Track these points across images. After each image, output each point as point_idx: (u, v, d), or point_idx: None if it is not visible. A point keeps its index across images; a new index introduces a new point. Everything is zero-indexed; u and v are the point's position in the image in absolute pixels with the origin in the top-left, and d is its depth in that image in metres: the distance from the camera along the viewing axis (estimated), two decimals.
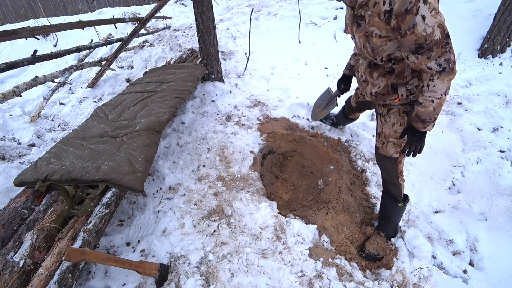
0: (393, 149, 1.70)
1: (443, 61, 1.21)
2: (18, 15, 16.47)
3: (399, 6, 1.14)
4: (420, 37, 1.18)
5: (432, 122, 1.38)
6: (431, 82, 1.28)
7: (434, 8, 1.14)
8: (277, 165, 2.68)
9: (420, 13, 1.13)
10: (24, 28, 2.64)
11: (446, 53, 1.21)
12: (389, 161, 1.74)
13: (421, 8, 1.12)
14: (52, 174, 1.71)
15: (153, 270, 1.46)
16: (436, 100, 1.29)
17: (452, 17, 4.49)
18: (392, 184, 1.83)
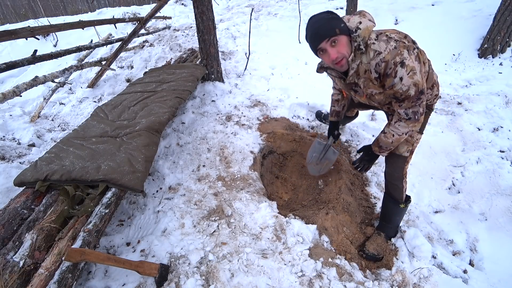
0: (405, 147, 1.70)
1: (411, 112, 1.43)
2: (18, 15, 16.47)
3: (383, 72, 1.34)
4: (397, 92, 1.38)
5: (386, 150, 1.64)
6: (398, 122, 1.50)
7: (412, 69, 1.30)
8: (277, 165, 2.68)
9: (398, 75, 1.31)
10: (24, 28, 2.64)
11: (415, 106, 1.41)
12: (398, 159, 1.74)
13: (399, 72, 1.30)
14: (52, 174, 1.71)
15: (153, 270, 1.46)
16: (397, 136, 1.53)
17: (452, 17, 4.50)
18: (394, 185, 1.82)
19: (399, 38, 1.32)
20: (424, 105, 1.41)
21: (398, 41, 1.29)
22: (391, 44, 1.28)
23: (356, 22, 1.33)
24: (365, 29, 1.31)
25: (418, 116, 1.42)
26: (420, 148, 2.70)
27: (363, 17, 1.37)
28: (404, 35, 1.39)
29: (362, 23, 1.32)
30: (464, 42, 4.06)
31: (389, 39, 1.30)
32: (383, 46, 1.29)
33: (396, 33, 1.38)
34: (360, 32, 1.31)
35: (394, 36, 1.33)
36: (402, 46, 1.28)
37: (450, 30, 4.29)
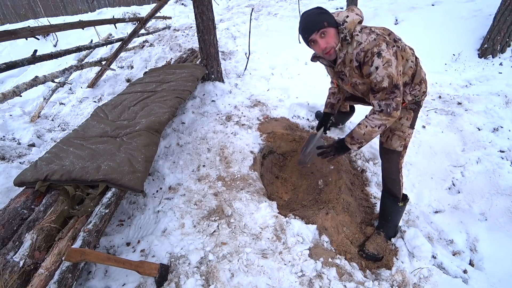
0: (397, 142, 1.76)
1: (383, 104, 1.49)
2: (18, 15, 16.47)
3: (362, 60, 1.44)
4: (372, 82, 1.47)
5: (358, 143, 1.67)
6: (372, 114, 1.57)
7: (388, 61, 1.39)
8: (277, 165, 2.68)
9: (374, 65, 1.41)
10: (24, 28, 2.64)
11: (388, 99, 1.47)
12: (393, 154, 1.80)
13: (375, 61, 1.40)
14: (52, 174, 1.71)
15: (153, 270, 1.46)
16: (370, 127, 1.57)
17: (452, 17, 4.49)
18: (392, 179, 1.86)
19: (381, 33, 1.44)
20: (398, 100, 1.46)
21: (379, 35, 1.41)
22: (372, 36, 1.41)
23: (344, 16, 1.46)
24: (351, 21, 1.44)
25: (390, 110, 1.48)
26: (420, 148, 2.70)
27: (351, 12, 1.49)
28: (388, 32, 1.52)
29: (349, 16, 1.45)
30: (464, 42, 4.06)
31: (371, 32, 1.43)
32: (364, 37, 1.42)
33: (381, 29, 1.51)
34: (346, 25, 1.44)
35: (377, 30, 1.45)
36: (382, 39, 1.40)
37: (450, 30, 4.29)
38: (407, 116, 1.74)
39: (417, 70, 1.65)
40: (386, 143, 1.82)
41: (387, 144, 1.81)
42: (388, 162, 1.85)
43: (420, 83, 1.69)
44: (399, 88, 1.45)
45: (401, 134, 1.75)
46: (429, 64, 3.90)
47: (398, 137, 1.76)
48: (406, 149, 1.80)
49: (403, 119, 1.75)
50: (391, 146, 1.79)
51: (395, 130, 1.78)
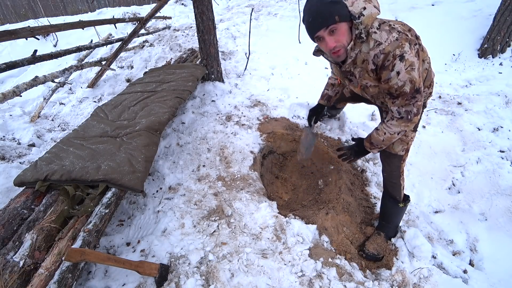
0: (400, 146, 1.67)
1: (404, 111, 1.36)
2: (18, 15, 16.47)
3: (381, 63, 1.26)
4: (392, 87, 1.31)
5: (377, 148, 1.57)
6: (390, 120, 1.44)
7: (411, 64, 1.23)
8: (277, 165, 2.68)
9: (396, 69, 1.24)
10: (24, 28, 2.64)
11: (409, 105, 1.33)
12: (394, 158, 1.72)
13: (397, 65, 1.23)
14: (52, 174, 1.71)
15: (153, 270, 1.46)
16: (389, 134, 1.46)
17: (452, 17, 4.49)
18: (393, 183, 1.82)
19: (403, 30, 1.25)
20: (419, 105, 1.32)
21: (401, 33, 1.22)
22: (393, 35, 1.21)
23: (360, 7, 1.22)
24: (368, 16, 1.21)
25: (411, 116, 1.35)
26: (420, 148, 2.70)
27: (369, 2, 1.25)
28: (408, 28, 1.33)
29: (367, 8, 1.22)
30: (464, 42, 4.06)
31: (392, 29, 1.23)
32: (384, 36, 1.22)
33: (400, 25, 1.30)
34: (363, 19, 1.21)
35: (397, 27, 1.25)
36: (404, 38, 1.21)
37: (450, 30, 4.29)
38: None
39: (429, 72, 1.52)
40: (388, 147, 1.69)
41: (389, 148, 1.69)
42: (389, 166, 1.77)
43: (430, 86, 1.58)
44: (421, 92, 1.29)
45: (404, 138, 1.64)
46: None
47: (400, 141, 1.65)
48: (408, 152, 1.72)
49: None
50: (392, 150, 1.69)
51: None
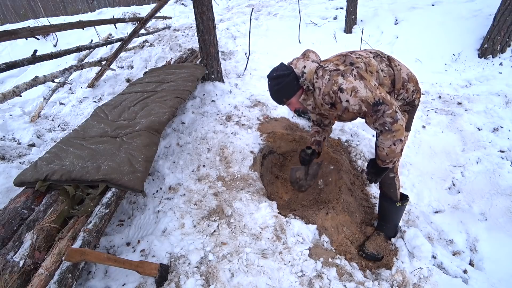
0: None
1: (378, 125, 1.43)
2: (18, 15, 16.48)
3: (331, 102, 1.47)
4: (354, 112, 1.45)
5: (389, 163, 1.57)
6: (379, 137, 1.51)
7: (353, 89, 1.37)
8: (277, 165, 2.68)
9: (343, 100, 1.40)
10: (24, 28, 2.64)
11: (379, 118, 1.40)
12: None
13: (342, 97, 1.39)
14: (52, 174, 1.71)
15: (153, 270, 1.46)
16: (387, 148, 1.49)
17: (452, 17, 4.50)
18: (387, 184, 1.84)
19: (335, 67, 1.44)
20: (389, 113, 1.37)
21: (332, 71, 1.42)
22: (325, 78, 1.42)
23: (301, 68, 1.48)
24: (309, 72, 1.46)
25: (389, 126, 1.39)
26: (420, 148, 2.70)
27: (307, 60, 1.50)
28: (342, 60, 1.51)
29: (306, 67, 1.47)
30: (464, 42, 4.06)
31: (324, 72, 1.44)
32: (320, 83, 1.45)
33: (336, 59, 1.51)
34: (306, 76, 1.47)
35: (329, 66, 1.45)
36: (335, 75, 1.40)
37: (450, 30, 4.29)
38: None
39: (396, 75, 1.58)
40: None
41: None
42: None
43: (404, 86, 1.61)
44: (383, 102, 1.36)
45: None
46: (429, 64, 3.91)
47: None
48: (401, 152, 1.73)
49: None
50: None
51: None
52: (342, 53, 1.60)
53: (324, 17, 5.75)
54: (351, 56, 1.54)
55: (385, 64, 1.60)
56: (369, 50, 1.67)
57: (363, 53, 1.61)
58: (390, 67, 1.60)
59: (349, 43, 4.74)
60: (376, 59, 1.59)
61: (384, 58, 1.62)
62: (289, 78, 1.48)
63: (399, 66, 1.62)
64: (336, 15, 5.65)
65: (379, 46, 4.43)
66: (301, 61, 1.51)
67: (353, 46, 4.55)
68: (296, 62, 1.52)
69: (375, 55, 1.62)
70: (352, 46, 4.60)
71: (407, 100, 1.67)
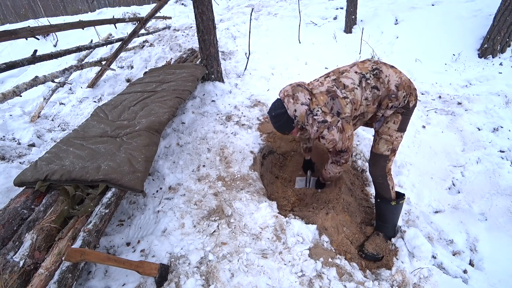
0: (384, 146, 1.78)
1: (334, 160, 1.88)
2: (18, 15, 16.49)
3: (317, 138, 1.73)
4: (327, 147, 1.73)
5: (330, 180, 2.19)
6: (330, 164, 1.95)
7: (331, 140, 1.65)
8: (277, 165, 2.68)
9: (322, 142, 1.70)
10: (24, 28, 2.64)
11: (337, 158, 1.84)
12: (380, 158, 1.82)
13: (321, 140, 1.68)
14: (52, 174, 1.71)
15: (153, 270, 1.46)
16: (332, 174, 2.00)
17: (452, 17, 4.49)
18: (380, 183, 1.87)
19: (323, 118, 1.61)
20: (346, 158, 1.81)
21: (320, 123, 1.62)
22: (314, 128, 1.65)
23: (293, 111, 1.64)
24: (300, 116, 1.64)
25: (341, 163, 1.86)
26: (420, 148, 2.70)
27: (296, 103, 1.63)
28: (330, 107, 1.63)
29: (297, 110, 1.63)
30: (464, 42, 4.06)
31: (314, 122, 1.63)
32: (310, 129, 1.68)
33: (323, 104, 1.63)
34: (298, 119, 1.67)
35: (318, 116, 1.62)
36: (323, 127, 1.62)
37: (450, 30, 4.29)
38: (394, 120, 1.74)
39: (382, 94, 1.64)
40: (374, 147, 1.84)
41: (375, 149, 1.83)
42: (374, 166, 1.86)
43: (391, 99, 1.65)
44: (346, 151, 1.74)
45: (388, 138, 1.77)
46: (429, 64, 3.91)
47: (385, 141, 1.77)
48: (395, 152, 1.81)
49: (390, 123, 1.75)
50: (378, 150, 1.81)
51: (382, 134, 1.78)
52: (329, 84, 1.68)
53: (324, 17, 5.75)
54: (338, 99, 1.62)
55: (370, 89, 1.65)
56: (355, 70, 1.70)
57: (350, 80, 1.66)
58: (376, 88, 1.64)
59: (349, 43, 4.74)
60: (361, 85, 1.65)
61: (369, 81, 1.64)
62: (285, 116, 1.68)
63: (387, 79, 1.64)
64: (336, 15, 5.65)
65: (379, 46, 4.43)
66: (291, 104, 1.64)
67: (353, 46, 4.55)
68: (287, 103, 1.65)
69: (360, 78, 1.66)
70: (352, 46, 4.60)
71: (399, 106, 1.70)
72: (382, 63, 1.72)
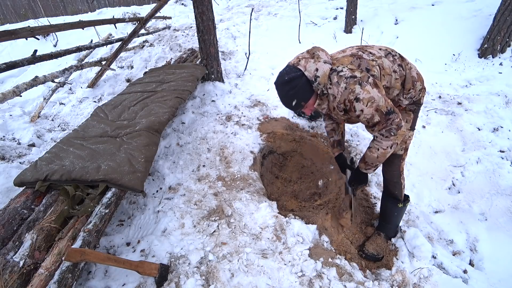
0: (398, 146, 1.72)
1: (384, 131, 1.44)
2: (18, 15, 16.49)
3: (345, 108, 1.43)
4: (363, 120, 1.43)
5: (373, 167, 1.62)
6: (378, 138, 1.49)
7: (369, 99, 1.34)
8: (277, 165, 2.68)
9: (357, 109, 1.38)
10: (24, 28, 2.64)
11: (387, 126, 1.42)
12: (394, 157, 1.75)
13: (357, 107, 1.37)
14: (52, 174, 1.71)
15: (153, 270, 1.46)
16: (382, 150, 1.50)
17: (452, 17, 4.49)
18: (394, 183, 1.84)
19: (351, 73, 1.36)
20: (397, 122, 1.41)
21: (348, 79, 1.35)
22: (342, 86, 1.36)
23: (313, 70, 1.36)
24: (322, 75, 1.36)
25: (394, 132, 1.43)
26: (420, 148, 2.70)
27: (318, 61, 1.38)
28: (357, 64, 1.42)
29: (319, 69, 1.36)
30: (464, 42, 4.06)
31: (340, 79, 1.36)
32: (335, 90, 1.38)
33: (349, 63, 1.41)
34: (319, 80, 1.37)
35: (345, 72, 1.37)
36: (353, 83, 1.34)
37: (450, 30, 4.29)
38: (406, 118, 1.72)
39: (407, 75, 1.56)
40: None
41: None
42: (390, 166, 1.81)
43: (414, 85, 1.59)
44: (393, 111, 1.40)
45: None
46: (429, 64, 3.90)
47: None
48: (407, 151, 1.78)
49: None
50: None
51: None
52: (353, 51, 1.49)
53: (324, 17, 5.75)
54: (366, 60, 1.44)
55: (397, 64, 1.53)
56: (379, 47, 1.58)
57: (375, 51, 1.52)
58: (401, 66, 1.54)
59: (349, 43, 4.74)
60: (388, 58, 1.52)
61: (396, 58, 1.55)
62: (302, 80, 1.37)
63: (409, 65, 1.59)
64: (336, 15, 5.65)
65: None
66: (311, 62, 1.37)
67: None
68: (305, 64, 1.37)
69: (386, 53, 1.54)
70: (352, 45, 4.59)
71: (414, 99, 1.67)
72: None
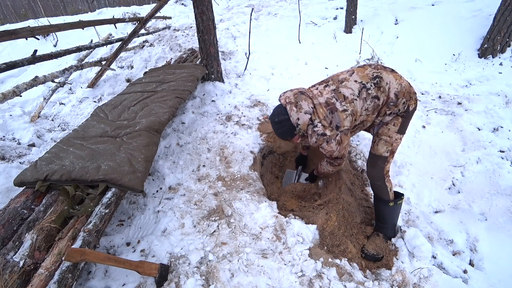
0: (384, 147, 1.77)
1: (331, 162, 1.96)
2: (18, 15, 16.50)
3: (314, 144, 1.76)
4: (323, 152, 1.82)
5: (324, 175, 2.29)
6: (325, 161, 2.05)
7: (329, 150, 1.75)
8: (277, 165, 2.68)
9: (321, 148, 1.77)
10: (24, 28, 2.64)
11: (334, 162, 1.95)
12: (378, 159, 1.80)
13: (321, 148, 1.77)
14: (52, 174, 1.71)
15: (153, 270, 1.46)
16: (327, 170, 2.07)
17: (452, 17, 4.49)
18: (378, 185, 1.86)
19: (322, 130, 1.65)
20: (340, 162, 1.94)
21: (319, 135, 1.66)
22: (313, 139, 1.69)
23: (295, 119, 1.66)
24: (303, 124, 1.67)
25: (335, 165, 1.98)
26: (420, 148, 2.70)
27: (299, 111, 1.65)
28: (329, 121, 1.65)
29: (300, 119, 1.66)
30: (464, 42, 4.06)
31: (313, 133, 1.67)
32: (310, 139, 1.72)
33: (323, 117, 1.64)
34: (300, 127, 1.68)
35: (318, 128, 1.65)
36: (322, 140, 1.68)
37: (450, 30, 4.29)
38: (394, 122, 1.73)
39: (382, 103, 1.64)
40: (373, 148, 1.82)
41: (374, 150, 1.82)
42: (373, 167, 1.85)
43: (390, 108, 1.65)
44: (342, 157, 1.88)
45: (387, 139, 1.76)
46: (429, 64, 3.91)
47: (384, 142, 1.76)
48: (393, 154, 1.80)
49: (390, 125, 1.74)
50: (377, 151, 1.79)
51: (381, 135, 1.77)
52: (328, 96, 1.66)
53: (324, 17, 5.75)
54: (338, 112, 1.62)
55: (370, 99, 1.63)
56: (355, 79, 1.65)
57: (350, 90, 1.63)
58: (376, 98, 1.62)
59: (349, 43, 4.74)
60: (361, 96, 1.62)
61: (370, 90, 1.62)
62: (288, 123, 1.70)
63: (387, 86, 1.62)
64: (336, 15, 5.65)
65: (379, 46, 4.43)
66: (294, 112, 1.65)
67: (353, 46, 4.55)
68: (290, 111, 1.67)
69: (360, 88, 1.62)
70: (352, 46, 4.60)
71: (399, 112, 1.69)
72: (382, 68, 1.69)
